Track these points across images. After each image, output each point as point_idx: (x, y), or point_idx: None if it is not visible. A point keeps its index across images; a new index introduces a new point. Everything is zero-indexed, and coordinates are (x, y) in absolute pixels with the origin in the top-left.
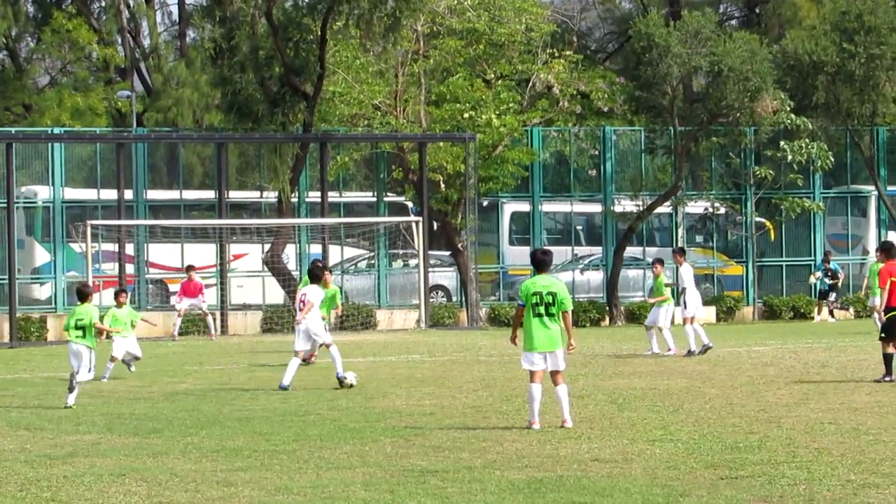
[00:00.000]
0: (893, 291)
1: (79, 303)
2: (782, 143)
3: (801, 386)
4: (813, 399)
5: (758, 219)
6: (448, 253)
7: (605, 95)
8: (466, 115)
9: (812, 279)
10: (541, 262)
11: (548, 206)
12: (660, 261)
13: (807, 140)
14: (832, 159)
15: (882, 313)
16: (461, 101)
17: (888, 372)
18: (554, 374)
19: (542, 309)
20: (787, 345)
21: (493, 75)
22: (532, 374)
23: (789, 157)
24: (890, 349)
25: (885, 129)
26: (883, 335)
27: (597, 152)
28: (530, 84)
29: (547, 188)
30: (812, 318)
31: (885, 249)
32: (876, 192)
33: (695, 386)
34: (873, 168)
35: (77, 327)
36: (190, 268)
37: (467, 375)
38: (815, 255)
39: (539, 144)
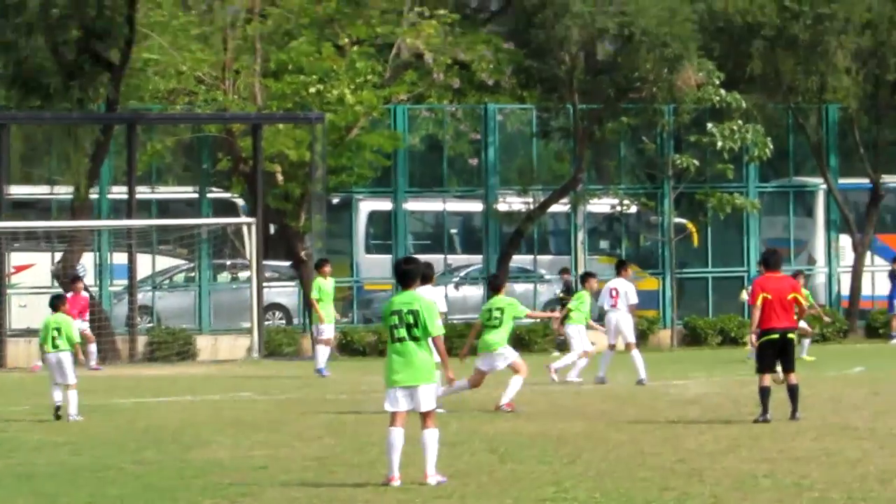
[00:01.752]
0: (767, 311)
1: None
2: (709, 125)
3: (731, 429)
4: (744, 446)
5: (677, 220)
6: (288, 263)
7: (488, 65)
8: (313, 90)
9: (743, 295)
10: (403, 275)
11: (415, 205)
12: (591, 274)
13: (740, 122)
14: (771, 146)
15: (754, 338)
16: (306, 72)
17: (764, 410)
18: (422, 415)
19: (402, 332)
20: (713, 377)
21: (346, 40)
22: (393, 416)
23: (718, 143)
24: (766, 382)
25: (835, 108)
26: (757, 366)
27: (478, 136)
28: (394, 51)
29: (414, 182)
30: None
31: (764, 260)
32: (824, 186)
33: (597, 430)
34: (821, 156)
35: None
36: (76, 279)
37: (310, 419)
38: (748, 264)
39: (405, 127)
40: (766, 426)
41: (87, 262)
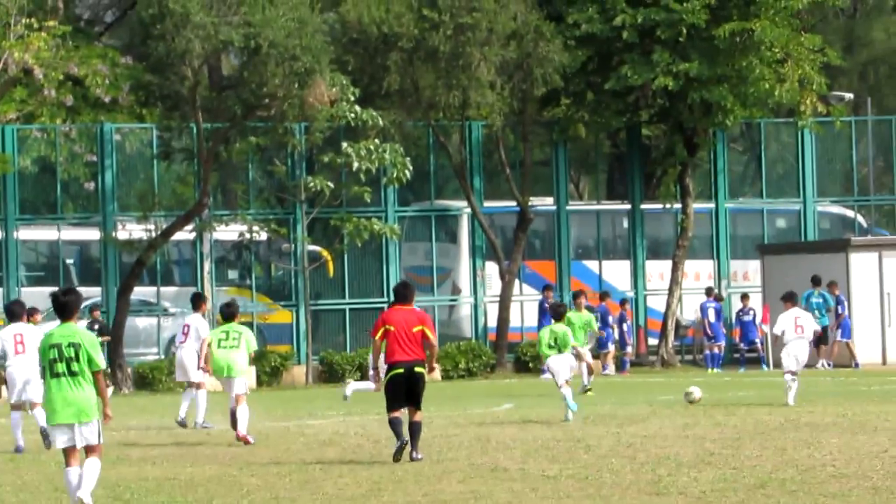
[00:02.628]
0: (393, 344)
1: None
2: (344, 144)
3: (372, 470)
4: (387, 490)
5: (311, 247)
6: None
7: (104, 81)
8: None
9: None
10: (63, 307)
11: (27, 233)
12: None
13: (377, 141)
14: (410, 167)
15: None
16: None
17: (398, 435)
18: (86, 449)
19: (61, 367)
20: (351, 416)
21: None
22: (66, 454)
23: (354, 164)
24: (397, 414)
25: (479, 125)
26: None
27: (94, 158)
28: (0, 66)
29: (26, 208)
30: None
31: (396, 292)
32: (469, 210)
33: (228, 474)
34: (465, 177)
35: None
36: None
37: None
38: (386, 294)
39: (14, 148)
40: (412, 465)
41: None
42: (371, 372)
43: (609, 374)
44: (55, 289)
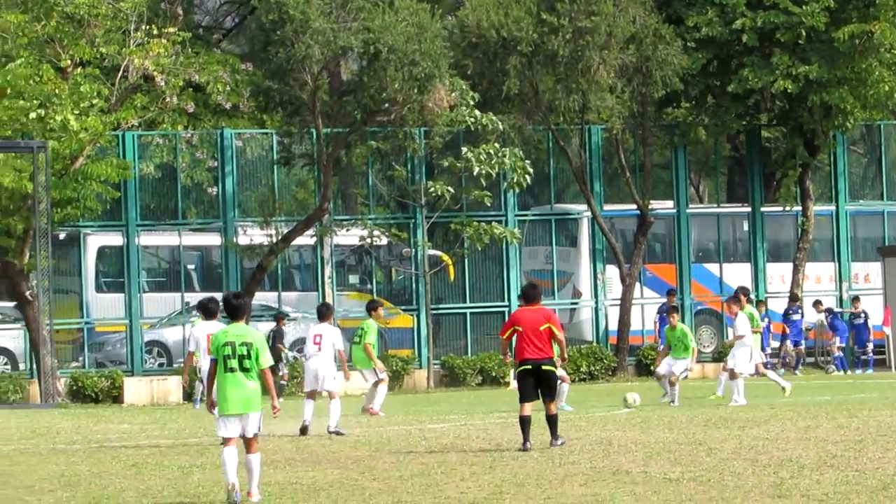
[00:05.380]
0: (521, 342)
1: None
2: (464, 149)
3: (494, 475)
4: (509, 493)
5: (432, 251)
6: (12, 304)
7: (224, 87)
8: (33, 116)
9: None
10: (234, 309)
11: (148, 239)
12: (675, 308)
13: (496, 145)
14: (530, 170)
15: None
16: (25, 96)
17: (525, 439)
18: (247, 440)
19: (234, 363)
20: (473, 420)
21: (69, 61)
22: (226, 439)
23: (474, 169)
24: (527, 411)
25: (599, 129)
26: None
27: (215, 164)
28: (121, 73)
29: (147, 214)
30: (509, 385)
31: (524, 293)
32: (588, 214)
33: (350, 478)
34: (584, 181)
35: None
36: None
37: (41, 471)
38: (509, 298)
39: (135, 154)
40: (534, 469)
41: None
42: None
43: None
44: (176, 294)
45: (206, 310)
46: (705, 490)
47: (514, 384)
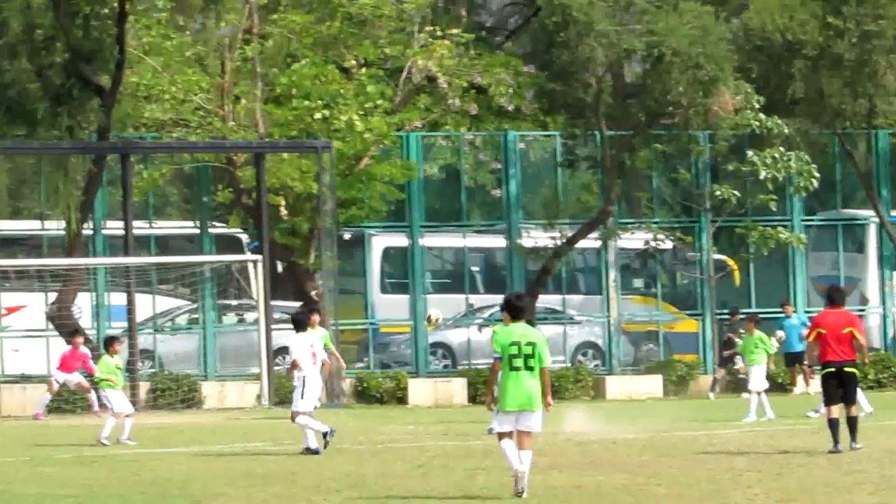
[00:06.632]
0: (825, 345)
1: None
2: (749, 152)
3: (782, 482)
4: (797, 500)
5: (717, 256)
6: (298, 304)
7: (507, 89)
8: (318, 116)
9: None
10: (519, 310)
11: (432, 240)
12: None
13: (781, 149)
14: (817, 175)
15: (809, 372)
16: (311, 96)
17: (835, 441)
18: (522, 435)
19: (520, 362)
20: (759, 425)
21: (353, 62)
22: (500, 435)
23: (760, 173)
24: (835, 413)
25: (886, 134)
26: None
27: (499, 166)
28: (405, 74)
29: (431, 215)
30: (790, 390)
31: (829, 296)
32: (876, 219)
33: (636, 483)
34: (871, 186)
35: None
36: (75, 332)
37: (327, 471)
38: (795, 305)
39: (419, 155)
40: (821, 476)
41: (82, 303)
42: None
43: None
44: (460, 296)
45: (299, 322)
46: None
47: (801, 389)
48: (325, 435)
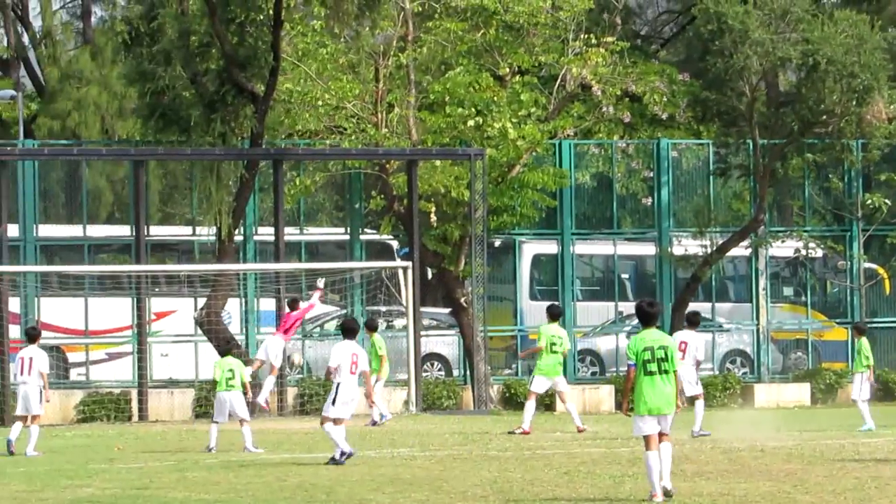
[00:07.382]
0: None
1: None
2: None
3: None
4: None
5: (868, 264)
6: (447, 311)
7: (661, 98)
8: (471, 123)
9: None
10: (649, 316)
11: (583, 248)
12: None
13: None
14: None
15: None
16: (464, 104)
17: None
18: (660, 435)
19: (654, 367)
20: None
21: (507, 69)
22: (647, 440)
23: None
24: None
25: None
26: None
27: (651, 174)
28: (559, 82)
29: (582, 223)
30: None
31: None
32: None
33: (782, 491)
34: None
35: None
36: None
37: (473, 477)
38: None
39: (571, 163)
40: None
41: (231, 309)
42: None
43: None
44: (609, 303)
45: (349, 330)
46: None
47: None
48: (341, 454)
